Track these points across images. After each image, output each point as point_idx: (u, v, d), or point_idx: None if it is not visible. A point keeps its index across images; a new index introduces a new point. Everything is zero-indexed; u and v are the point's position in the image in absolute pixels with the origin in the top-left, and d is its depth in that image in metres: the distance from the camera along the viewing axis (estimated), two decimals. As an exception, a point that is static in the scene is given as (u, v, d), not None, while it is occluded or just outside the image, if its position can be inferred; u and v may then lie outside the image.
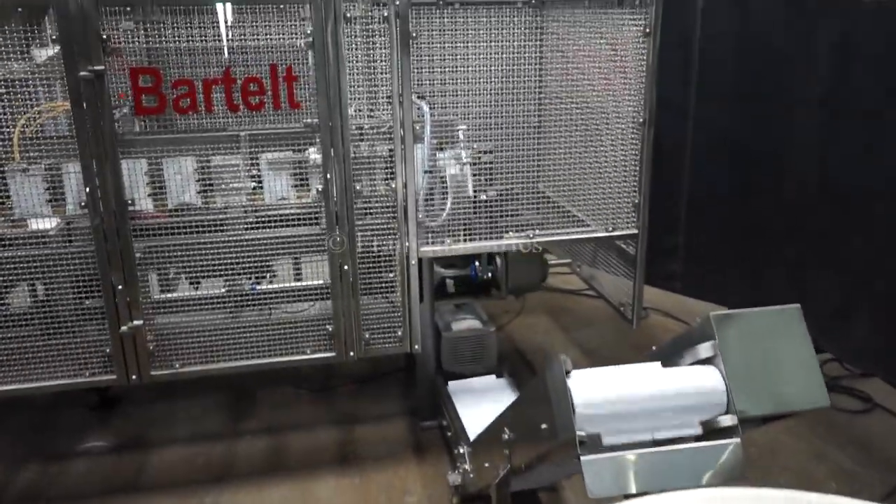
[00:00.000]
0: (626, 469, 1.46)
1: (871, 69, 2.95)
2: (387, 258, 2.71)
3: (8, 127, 2.40)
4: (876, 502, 1.28)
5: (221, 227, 2.61)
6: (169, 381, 2.64)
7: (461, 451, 2.64)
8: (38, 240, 2.52)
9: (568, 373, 1.55)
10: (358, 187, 2.62)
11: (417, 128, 2.62)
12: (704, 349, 1.59)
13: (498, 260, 3.22)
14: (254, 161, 2.65)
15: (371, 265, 2.70)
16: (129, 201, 2.45)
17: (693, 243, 4.16)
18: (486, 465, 2.25)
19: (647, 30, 2.66)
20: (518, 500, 2.16)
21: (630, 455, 1.48)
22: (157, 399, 3.45)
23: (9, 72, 2.49)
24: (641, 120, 2.75)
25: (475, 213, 2.83)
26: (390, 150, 2.61)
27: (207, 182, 2.63)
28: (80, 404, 3.37)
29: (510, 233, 2.85)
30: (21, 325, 2.56)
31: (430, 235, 2.75)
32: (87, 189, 2.40)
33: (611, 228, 2.87)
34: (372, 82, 2.61)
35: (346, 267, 2.64)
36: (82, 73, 2.28)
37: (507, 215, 2.83)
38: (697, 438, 1.55)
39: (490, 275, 3.22)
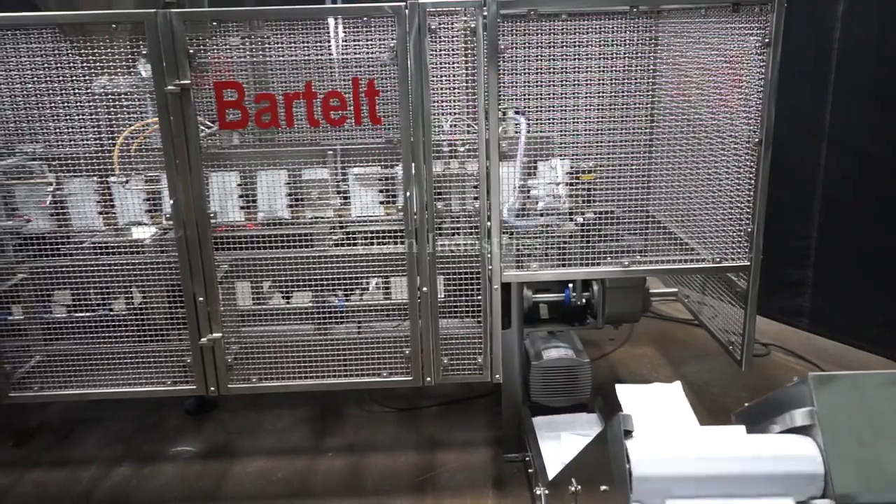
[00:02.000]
0: (690, 553, 1.25)
1: None
2: (470, 280, 2.58)
3: (113, 139, 2.49)
4: None
5: (309, 242, 2.59)
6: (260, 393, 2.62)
7: (538, 492, 2.45)
8: (135, 248, 2.59)
9: (628, 433, 1.35)
10: (440, 205, 2.51)
11: (504, 144, 2.48)
12: (800, 416, 1.35)
13: (595, 286, 3.01)
14: (343, 175, 2.61)
15: (454, 287, 2.58)
16: (212, 214, 2.46)
17: (823, 276, 3.76)
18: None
19: (767, 39, 2.38)
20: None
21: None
22: (249, 407, 3.49)
23: (115, 85, 2.58)
24: (757, 140, 2.47)
25: (571, 236, 2.65)
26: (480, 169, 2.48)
27: (296, 196, 2.61)
28: (180, 408, 3.46)
29: (608, 258, 2.64)
30: (116, 331, 2.64)
31: (517, 259, 2.59)
32: (172, 201, 2.43)
33: (719, 259, 2.59)
34: (461, 97, 2.49)
35: (424, 288, 2.53)
36: (169, 88, 2.31)
37: (606, 240, 2.62)
38: (784, 522, 1.31)
39: (585, 301, 3.01)
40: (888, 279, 3.42)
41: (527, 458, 2.86)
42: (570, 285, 3.01)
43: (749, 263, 2.56)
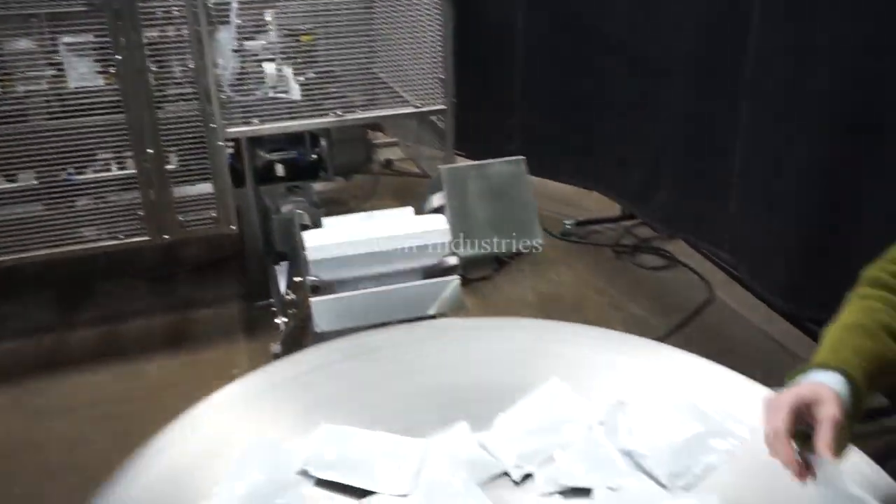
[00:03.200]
0: (353, 307, 1.62)
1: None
2: (200, 143, 2.74)
3: None
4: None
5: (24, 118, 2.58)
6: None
7: (278, 321, 2.78)
8: None
9: (306, 226, 1.68)
10: (157, 69, 2.61)
11: (212, 4, 2.60)
12: (436, 199, 1.75)
13: (323, 142, 3.29)
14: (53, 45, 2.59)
15: (181, 149, 2.72)
16: None
17: (528, 123, 4.31)
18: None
19: None
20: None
21: (358, 294, 1.63)
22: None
23: None
24: (442, -6, 2.81)
25: (288, 93, 2.87)
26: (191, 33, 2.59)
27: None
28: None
29: (329, 113, 2.91)
30: None
31: (239, 117, 2.78)
32: None
33: (421, 105, 2.97)
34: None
35: (150, 150, 2.66)
36: None
37: (329, 96, 2.87)
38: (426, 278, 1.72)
39: (317, 156, 3.29)
40: (577, 120, 4.03)
41: (272, 301, 3.17)
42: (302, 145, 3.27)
43: (445, 107, 2.97)
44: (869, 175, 2.27)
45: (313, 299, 1.59)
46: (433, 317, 1.69)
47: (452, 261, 1.69)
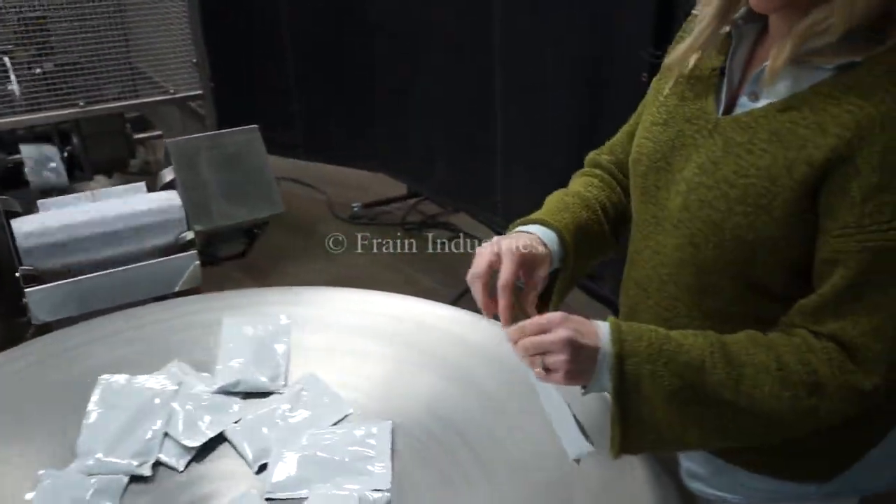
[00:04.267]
0: (76, 293, 1.50)
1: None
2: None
3: None
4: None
5: None
6: None
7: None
8: None
9: (15, 213, 1.52)
10: None
11: None
12: (166, 174, 1.66)
13: (75, 138, 3.03)
14: None
15: None
16: None
17: (308, 111, 4.25)
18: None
19: None
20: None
21: (81, 280, 1.51)
22: None
23: None
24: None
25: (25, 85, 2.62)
26: None
27: None
28: None
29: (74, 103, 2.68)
30: None
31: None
32: None
33: (174, 91, 2.82)
34: None
35: None
36: None
37: (75, 88, 2.63)
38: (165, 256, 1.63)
39: (67, 154, 3.03)
40: (354, 104, 4.03)
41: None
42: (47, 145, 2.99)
43: (202, 91, 2.84)
44: (608, 124, 2.46)
45: (28, 289, 1.45)
46: (177, 295, 1.61)
47: (189, 236, 1.61)
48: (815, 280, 0.93)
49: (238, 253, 1.81)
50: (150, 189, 1.69)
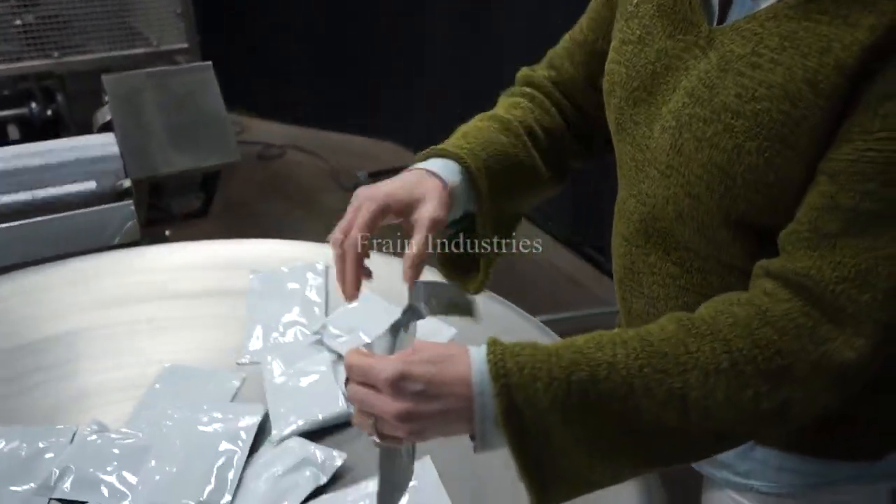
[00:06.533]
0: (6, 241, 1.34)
1: None
2: None
3: None
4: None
5: None
6: None
7: None
8: None
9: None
10: None
11: None
12: (103, 114, 1.48)
13: (59, 97, 2.88)
14: None
15: None
16: None
17: (314, 82, 4.09)
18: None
19: None
20: None
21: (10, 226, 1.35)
22: None
23: None
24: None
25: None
26: None
27: None
28: None
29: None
30: None
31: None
32: None
33: (156, 43, 2.65)
34: None
35: None
36: None
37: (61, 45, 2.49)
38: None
39: (51, 112, 2.88)
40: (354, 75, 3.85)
41: None
42: (33, 101, 2.86)
43: (188, 45, 2.67)
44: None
45: (-66, 240, 1.29)
46: (116, 247, 1.43)
47: (126, 184, 1.43)
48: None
49: (195, 209, 1.62)
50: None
